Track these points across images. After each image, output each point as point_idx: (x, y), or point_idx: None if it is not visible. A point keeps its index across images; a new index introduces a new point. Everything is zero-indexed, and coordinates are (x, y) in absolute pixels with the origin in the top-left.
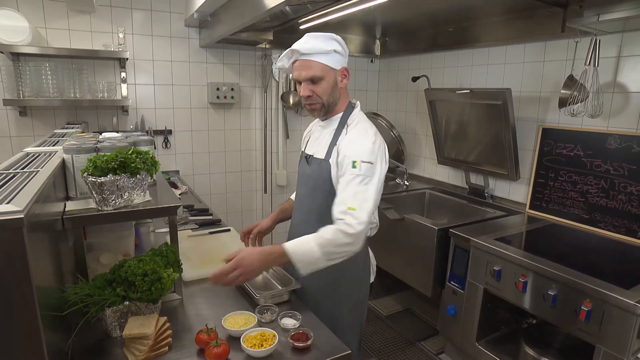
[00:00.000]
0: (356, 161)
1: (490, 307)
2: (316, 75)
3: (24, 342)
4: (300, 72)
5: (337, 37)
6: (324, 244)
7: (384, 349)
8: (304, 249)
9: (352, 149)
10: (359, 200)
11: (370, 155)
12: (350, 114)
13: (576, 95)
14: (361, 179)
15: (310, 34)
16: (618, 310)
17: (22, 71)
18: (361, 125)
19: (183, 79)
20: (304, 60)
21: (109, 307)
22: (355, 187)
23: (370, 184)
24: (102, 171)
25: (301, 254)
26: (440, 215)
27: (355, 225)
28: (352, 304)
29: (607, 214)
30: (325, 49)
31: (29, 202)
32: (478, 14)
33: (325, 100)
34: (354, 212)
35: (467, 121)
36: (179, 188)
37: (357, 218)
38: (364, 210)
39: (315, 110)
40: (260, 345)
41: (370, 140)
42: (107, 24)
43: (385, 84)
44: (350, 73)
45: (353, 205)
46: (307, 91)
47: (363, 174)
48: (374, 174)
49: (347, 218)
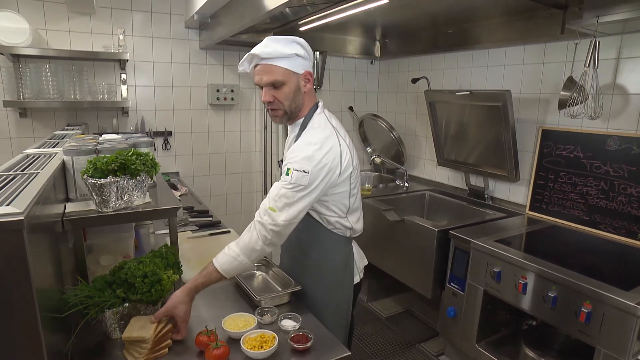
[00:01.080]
0: (290, 169)
1: (490, 308)
2: (277, 80)
3: (23, 344)
4: (262, 77)
5: (299, 40)
6: (249, 252)
7: (383, 350)
8: (235, 265)
9: (291, 157)
10: (282, 203)
11: (305, 163)
12: (311, 117)
13: (576, 96)
14: (291, 186)
15: (271, 37)
16: (618, 311)
17: (23, 73)
18: (310, 132)
19: (183, 80)
20: (264, 65)
21: (108, 309)
22: (281, 190)
23: (300, 192)
24: (102, 173)
25: (234, 269)
26: (440, 216)
27: (269, 225)
28: (334, 305)
29: (607, 215)
30: (286, 53)
31: (29, 204)
32: (478, 16)
33: (287, 106)
34: (273, 213)
35: (467, 123)
36: (179, 189)
37: (274, 220)
38: (284, 214)
39: (278, 117)
40: (260, 347)
41: (312, 147)
42: (107, 26)
43: (385, 86)
44: (350, 74)
45: (274, 207)
46: (269, 97)
47: (293, 182)
48: (308, 183)
49: (264, 218)
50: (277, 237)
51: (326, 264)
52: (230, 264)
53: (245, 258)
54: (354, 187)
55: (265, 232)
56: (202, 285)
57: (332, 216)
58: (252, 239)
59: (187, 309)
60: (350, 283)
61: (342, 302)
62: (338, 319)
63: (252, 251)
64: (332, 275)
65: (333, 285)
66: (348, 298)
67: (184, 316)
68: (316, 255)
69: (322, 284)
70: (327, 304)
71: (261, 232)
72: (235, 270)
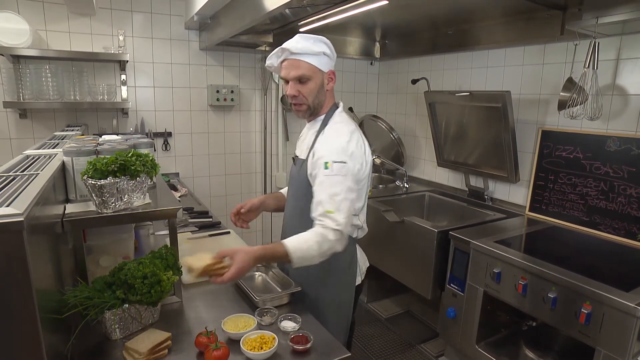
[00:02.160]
0: (328, 162)
1: (490, 309)
2: (304, 75)
3: (23, 344)
4: (289, 71)
5: (327, 40)
6: (321, 241)
7: (383, 351)
8: (304, 248)
9: (324, 150)
10: (335, 203)
11: (342, 154)
12: (332, 115)
13: (575, 97)
14: (335, 180)
15: (301, 35)
16: (618, 312)
17: (22, 74)
18: (337, 126)
19: (183, 81)
20: (293, 60)
21: (108, 310)
22: (329, 189)
23: (343, 183)
24: (102, 174)
25: (302, 252)
26: (440, 217)
27: (335, 226)
28: (336, 306)
29: (606, 216)
30: (315, 50)
31: (29, 205)
32: (477, 17)
33: (311, 101)
34: (331, 214)
35: (467, 124)
36: (179, 190)
37: (335, 220)
38: (341, 212)
39: (301, 112)
40: (259, 348)
41: (343, 139)
42: (107, 27)
43: (384, 87)
44: (350, 75)
45: (330, 208)
46: (294, 90)
47: (335, 174)
48: (348, 172)
49: (325, 221)
50: (345, 236)
51: (331, 264)
52: (299, 245)
53: (315, 244)
54: (368, 185)
55: (334, 232)
56: (269, 255)
57: None
58: (324, 230)
59: (246, 270)
60: (353, 284)
61: (345, 302)
62: (340, 319)
63: (324, 240)
64: (336, 275)
65: (336, 285)
66: (350, 299)
67: (238, 275)
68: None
69: (326, 284)
70: (330, 304)
71: (330, 231)
72: (302, 252)
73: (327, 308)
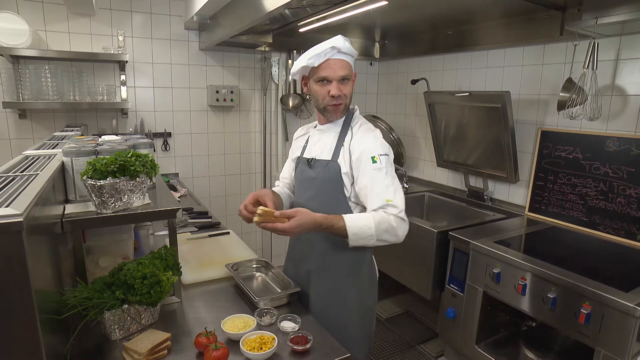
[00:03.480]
0: (374, 156)
1: (489, 309)
2: (348, 74)
3: (22, 345)
4: (336, 70)
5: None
6: (379, 221)
7: (383, 351)
8: (361, 225)
9: (366, 146)
10: (392, 192)
11: (383, 148)
12: (352, 117)
13: (575, 98)
14: (385, 171)
15: (341, 35)
16: (617, 312)
17: (22, 74)
18: (365, 126)
19: (182, 81)
20: (339, 60)
21: (108, 310)
22: (384, 180)
23: (391, 173)
24: (102, 174)
25: (359, 227)
26: (439, 218)
27: (397, 213)
28: (363, 311)
29: (606, 216)
30: (353, 52)
31: (29, 206)
32: (477, 17)
33: (348, 101)
34: (391, 202)
35: (466, 124)
36: (178, 191)
37: (396, 207)
38: (398, 199)
39: (339, 111)
40: (259, 348)
41: (379, 135)
42: (107, 27)
43: (384, 87)
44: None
45: (389, 197)
46: (338, 90)
47: (384, 166)
48: (391, 164)
49: (388, 209)
50: (406, 222)
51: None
52: (356, 221)
53: (373, 222)
54: None
55: (397, 218)
56: (328, 224)
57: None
58: (386, 215)
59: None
60: (376, 287)
61: (370, 306)
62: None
63: (384, 220)
64: (361, 278)
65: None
66: (374, 303)
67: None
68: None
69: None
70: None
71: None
72: (358, 229)
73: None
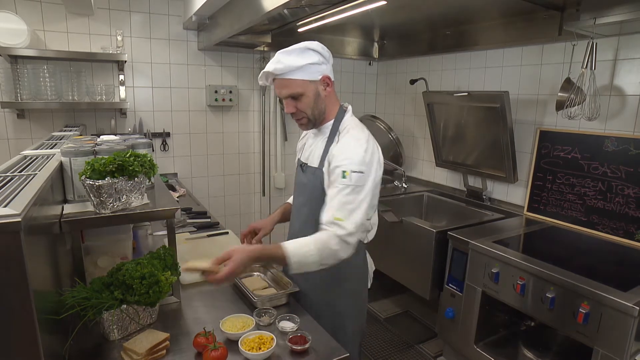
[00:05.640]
0: (346, 171)
1: (488, 309)
2: (295, 92)
3: (20, 346)
4: (280, 91)
5: (313, 45)
6: (321, 248)
7: (382, 351)
8: (303, 251)
9: (342, 159)
10: (347, 211)
11: (360, 164)
12: (342, 120)
13: (573, 98)
14: (351, 189)
15: (282, 51)
16: (616, 312)
17: (20, 74)
18: (352, 133)
19: (181, 81)
20: (280, 80)
21: (106, 311)
22: (344, 197)
23: (361, 193)
24: (100, 174)
25: (300, 256)
26: (438, 217)
27: (341, 234)
28: (355, 312)
29: (604, 216)
30: (299, 65)
31: (27, 206)
32: (476, 18)
33: (310, 113)
34: (340, 222)
35: (465, 124)
36: (177, 191)
37: (344, 228)
38: (351, 221)
39: (303, 125)
40: (258, 348)
41: (361, 148)
42: (105, 27)
43: (383, 87)
44: (348, 75)
45: (340, 216)
46: (291, 108)
47: (353, 184)
48: (366, 182)
49: (333, 228)
50: (351, 245)
51: (348, 271)
52: (298, 250)
53: (315, 250)
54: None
55: (339, 240)
56: (266, 256)
57: None
58: (327, 237)
59: (242, 269)
60: (367, 288)
61: (361, 307)
62: (357, 323)
63: (325, 247)
64: (352, 282)
65: (351, 293)
66: (364, 305)
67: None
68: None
69: (341, 292)
70: (346, 312)
71: (334, 239)
72: (300, 257)
73: (346, 315)
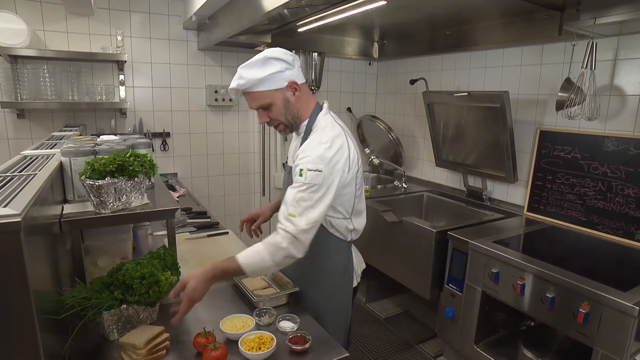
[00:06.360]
0: (303, 169)
1: (488, 309)
2: (263, 103)
3: (20, 346)
4: (250, 104)
5: (273, 53)
6: (272, 251)
7: (382, 351)
8: (256, 259)
9: (301, 157)
10: (301, 208)
11: (318, 162)
12: (316, 118)
13: (573, 98)
14: (307, 186)
15: (243, 66)
16: (616, 312)
17: (20, 74)
18: (319, 132)
19: (181, 81)
20: (247, 94)
21: (106, 311)
22: (299, 194)
23: (318, 191)
24: (100, 174)
25: (254, 264)
26: (438, 217)
27: (292, 231)
28: (334, 308)
29: (604, 216)
30: (260, 77)
31: (27, 206)
32: (475, 18)
33: (284, 119)
34: (293, 218)
35: (465, 124)
36: (177, 191)
37: (295, 225)
38: (304, 218)
39: (282, 131)
40: (258, 348)
41: (323, 146)
42: (105, 27)
43: (383, 87)
44: (348, 75)
45: (294, 212)
46: (264, 118)
47: (308, 182)
48: (324, 180)
49: (285, 224)
50: (302, 243)
51: (327, 269)
52: (251, 258)
53: (267, 254)
54: (358, 188)
55: (290, 237)
56: (220, 272)
57: (337, 217)
58: (277, 238)
59: (201, 295)
60: (350, 286)
61: (343, 305)
62: (338, 321)
63: (276, 249)
64: (332, 279)
65: (333, 288)
66: (347, 301)
67: (192, 303)
68: (317, 260)
69: (323, 287)
70: (328, 307)
71: (285, 237)
72: (254, 265)
73: (325, 310)
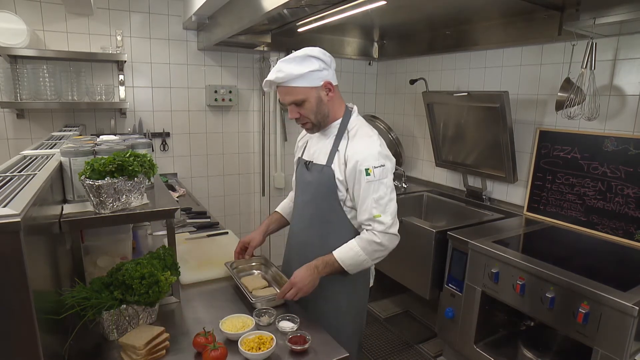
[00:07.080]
0: (369, 168)
1: (488, 309)
2: (297, 99)
3: (20, 346)
4: (283, 97)
5: (314, 52)
6: (365, 245)
7: (382, 351)
8: (351, 254)
9: (361, 156)
10: (382, 206)
11: (379, 158)
12: (349, 120)
13: (573, 98)
14: (378, 184)
15: (284, 60)
16: (615, 312)
17: (20, 74)
18: (363, 131)
19: (181, 81)
20: (283, 88)
21: (106, 311)
22: (374, 194)
23: (385, 185)
24: (100, 174)
25: (350, 258)
26: (438, 217)
27: (384, 229)
28: (355, 311)
29: (604, 216)
30: (300, 73)
31: (26, 206)
32: (475, 18)
33: (314, 118)
34: (379, 218)
35: (465, 124)
36: (177, 191)
37: (382, 223)
38: (387, 213)
39: (309, 129)
40: (257, 348)
41: (376, 143)
42: (105, 27)
43: (383, 87)
44: (348, 75)
45: (377, 212)
46: (295, 114)
47: (378, 178)
48: (387, 174)
49: (373, 225)
50: (394, 234)
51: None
52: (346, 253)
53: (360, 250)
54: None
55: (381, 234)
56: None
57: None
58: (368, 235)
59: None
60: (368, 287)
61: (362, 306)
62: (357, 323)
63: (368, 243)
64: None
65: (355, 290)
66: (365, 303)
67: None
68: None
69: (345, 290)
70: (349, 309)
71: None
72: (350, 259)
73: (347, 314)
